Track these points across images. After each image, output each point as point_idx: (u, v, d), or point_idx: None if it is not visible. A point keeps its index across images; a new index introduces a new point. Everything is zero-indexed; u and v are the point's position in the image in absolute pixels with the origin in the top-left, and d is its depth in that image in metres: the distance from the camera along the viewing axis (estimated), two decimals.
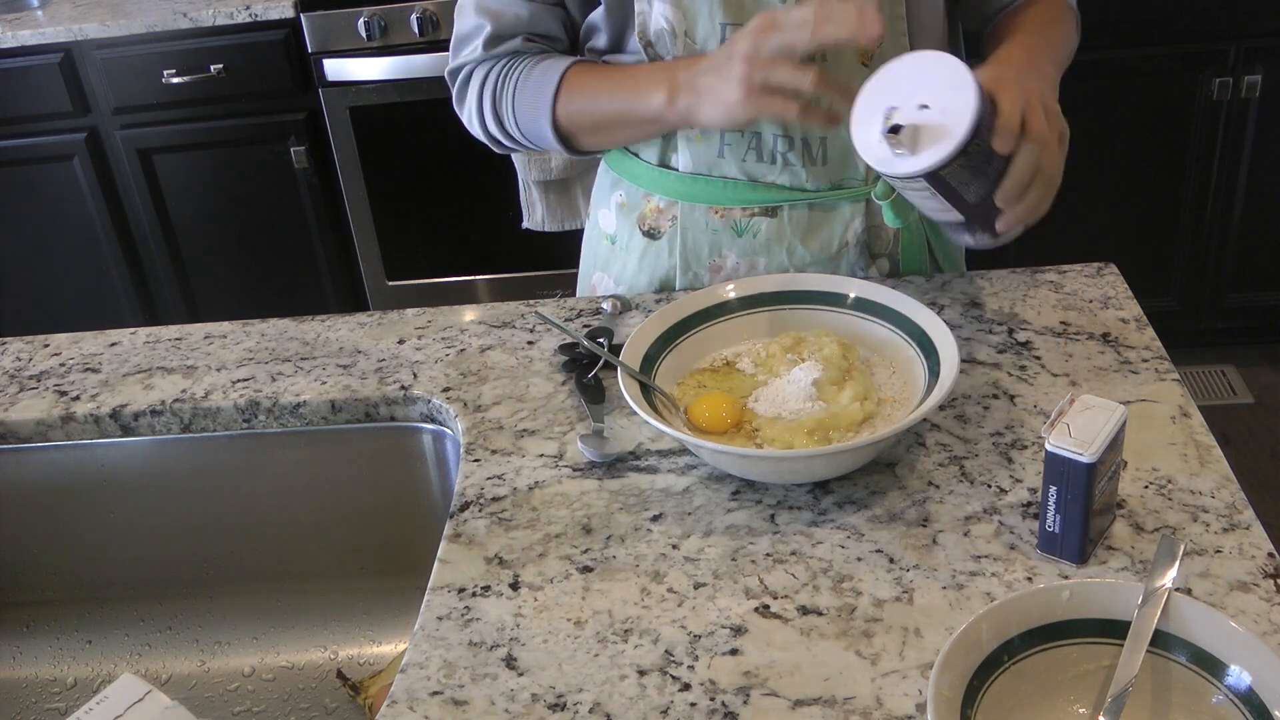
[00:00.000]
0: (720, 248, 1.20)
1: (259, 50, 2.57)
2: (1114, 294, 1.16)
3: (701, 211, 1.19)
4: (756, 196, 1.16)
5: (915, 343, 1.01)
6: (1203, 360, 2.81)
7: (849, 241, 1.18)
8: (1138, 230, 2.66)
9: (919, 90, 0.91)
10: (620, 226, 1.27)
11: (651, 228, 1.23)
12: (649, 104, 1.09)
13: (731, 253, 1.19)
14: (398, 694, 0.81)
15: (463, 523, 0.95)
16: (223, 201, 2.77)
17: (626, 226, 1.26)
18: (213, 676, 1.16)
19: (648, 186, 1.22)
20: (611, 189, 1.27)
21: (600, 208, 1.30)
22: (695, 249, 1.21)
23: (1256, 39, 2.46)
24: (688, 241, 1.21)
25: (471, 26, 1.20)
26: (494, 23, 1.18)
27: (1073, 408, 0.83)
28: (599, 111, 1.15)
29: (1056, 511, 0.83)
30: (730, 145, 1.15)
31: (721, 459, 0.95)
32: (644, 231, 1.24)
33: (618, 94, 1.13)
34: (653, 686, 0.79)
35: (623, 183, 1.25)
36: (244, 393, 1.14)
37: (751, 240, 1.18)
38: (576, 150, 1.21)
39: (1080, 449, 0.80)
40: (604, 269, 1.30)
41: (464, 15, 1.21)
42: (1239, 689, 0.69)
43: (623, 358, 0.99)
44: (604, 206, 1.29)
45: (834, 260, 1.19)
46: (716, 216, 1.19)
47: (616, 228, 1.27)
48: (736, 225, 1.18)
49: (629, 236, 1.26)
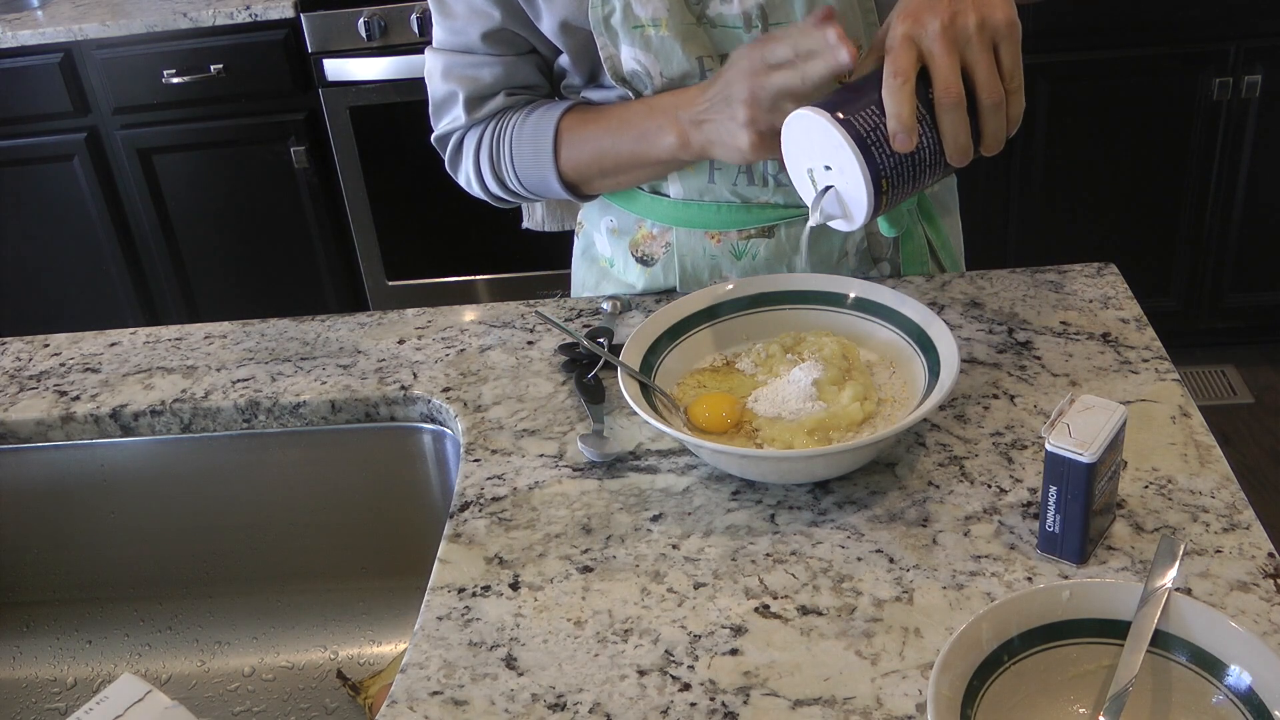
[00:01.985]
0: (720, 270, 1.19)
1: (259, 50, 2.57)
2: (1114, 294, 1.16)
3: (698, 237, 1.18)
4: (751, 218, 1.16)
5: (915, 343, 1.01)
6: (1203, 360, 2.81)
7: (849, 251, 1.18)
8: (1138, 230, 2.66)
9: (815, 149, 0.91)
10: (615, 251, 1.26)
11: (645, 254, 1.22)
12: (660, 147, 1.07)
13: (732, 275, 1.19)
14: (398, 694, 0.81)
15: (463, 523, 0.95)
16: (223, 201, 2.77)
17: (620, 252, 1.25)
18: (213, 676, 1.16)
19: (639, 213, 1.21)
20: (601, 214, 1.26)
21: (593, 230, 1.29)
22: (695, 274, 1.20)
23: (1256, 39, 2.46)
24: (686, 268, 1.20)
25: (445, 93, 1.18)
26: (469, 87, 1.16)
27: (1073, 408, 0.83)
28: (607, 159, 1.13)
29: (1056, 511, 0.83)
30: (721, 171, 1.14)
31: (721, 459, 0.95)
32: (637, 258, 1.23)
33: (622, 140, 1.10)
34: (653, 686, 0.79)
35: (612, 208, 1.23)
36: (244, 393, 1.14)
37: (751, 262, 1.18)
38: (586, 196, 1.20)
39: (1080, 449, 0.80)
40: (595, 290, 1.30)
41: (434, 80, 1.18)
42: (1239, 689, 0.69)
43: (623, 358, 0.99)
44: (596, 231, 1.28)
45: (835, 270, 1.18)
46: (713, 242, 1.18)
47: (611, 252, 1.26)
48: (735, 249, 1.17)
49: (624, 263, 1.25)
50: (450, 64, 1.16)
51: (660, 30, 1.06)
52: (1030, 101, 2.50)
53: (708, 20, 1.07)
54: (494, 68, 1.15)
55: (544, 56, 1.18)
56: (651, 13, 1.06)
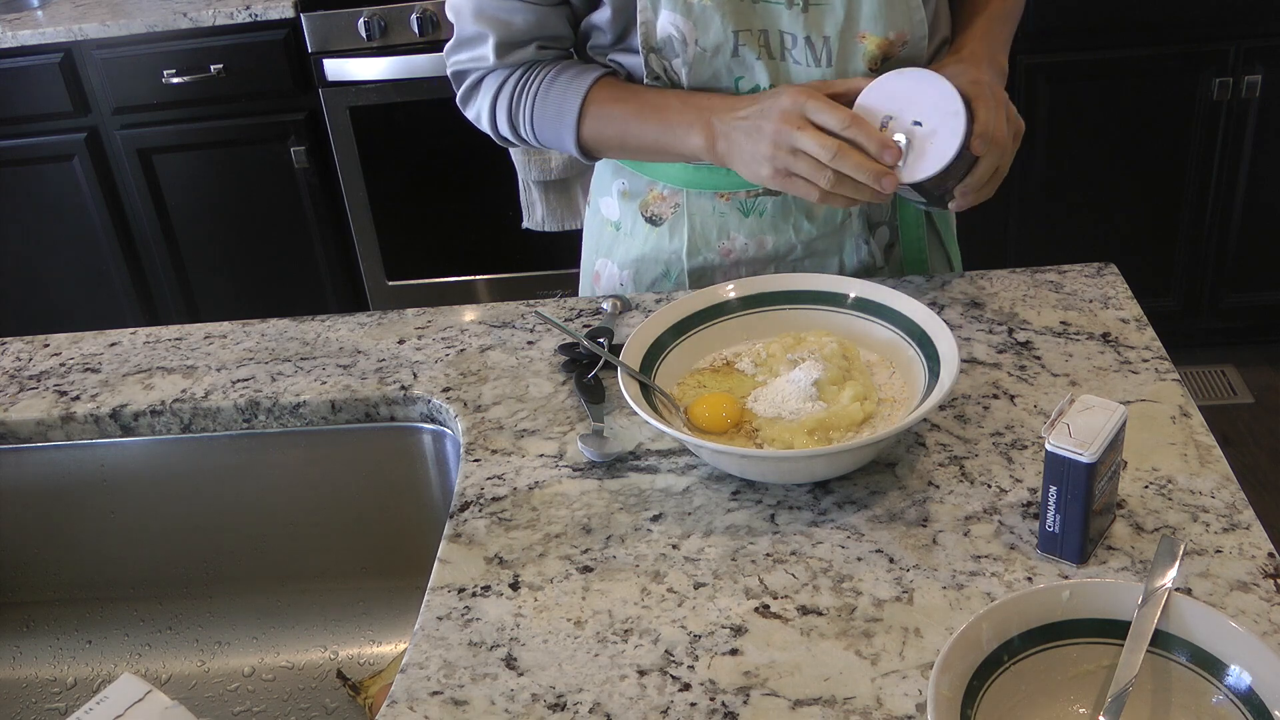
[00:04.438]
0: (729, 230, 1.21)
1: (259, 50, 2.57)
2: (1114, 294, 1.16)
3: (708, 197, 1.20)
4: None
5: (915, 343, 1.01)
6: (1203, 360, 2.81)
7: (851, 211, 1.21)
8: (1138, 230, 2.66)
9: (914, 106, 1.03)
10: (624, 213, 1.27)
11: (654, 214, 1.24)
12: (687, 144, 1.12)
13: (740, 233, 1.21)
14: (398, 694, 0.81)
15: (463, 523, 0.95)
16: (223, 201, 2.77)
17: (630, 213, 1.27)
18: (213, 676, 1.16)
19: (652, 175, 1.23)
20: (613, 177, 1.28)
21: (601, 196, 1.31)
22: (704, 233, 1.22)
23: (1256, 39, 2.46)
24: (695, 226, 1.22)
25: (473, 33, 1.18)
26: (501, 31, 1.16)
27: (1072, 408, 0.83)
28: (631, 140, 1.17)
29: (1057, 511, 0.83)
30: None
31: (721, 459, 0.95)
32: (645, 218, 1.25)
33: (648, 126, 1.14)
34: (653, 686, 0.79)
35: (625, 170, 1.26)
36: (244, 393, 1.14)
37: (759, 219, 1.20)
38: (595, 158, 1.23)
39: (1080, 449, 0.80)
40: (608, 254, 1.31)
41: (462, 19, 1.19)
42: (1239, 689, 0.69)
43: (623, 358, 0.99)
44: (605, 194, 1.30)
45: (839, 232, 1.21)
46: (722, 200, 1.20)
47: (620, 214, 1.28)
48: (743, 206, 1.20)
49: (632, 223, 1.27)
50: (482, 4, 1.16)
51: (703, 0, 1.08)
52: (1030, 101, 2.50)
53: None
54: (526, 14, 1.15)
55: (575, 9, 1.18)
56: None
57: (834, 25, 1.10)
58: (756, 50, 1.11)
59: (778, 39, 1.11)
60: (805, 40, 1.11)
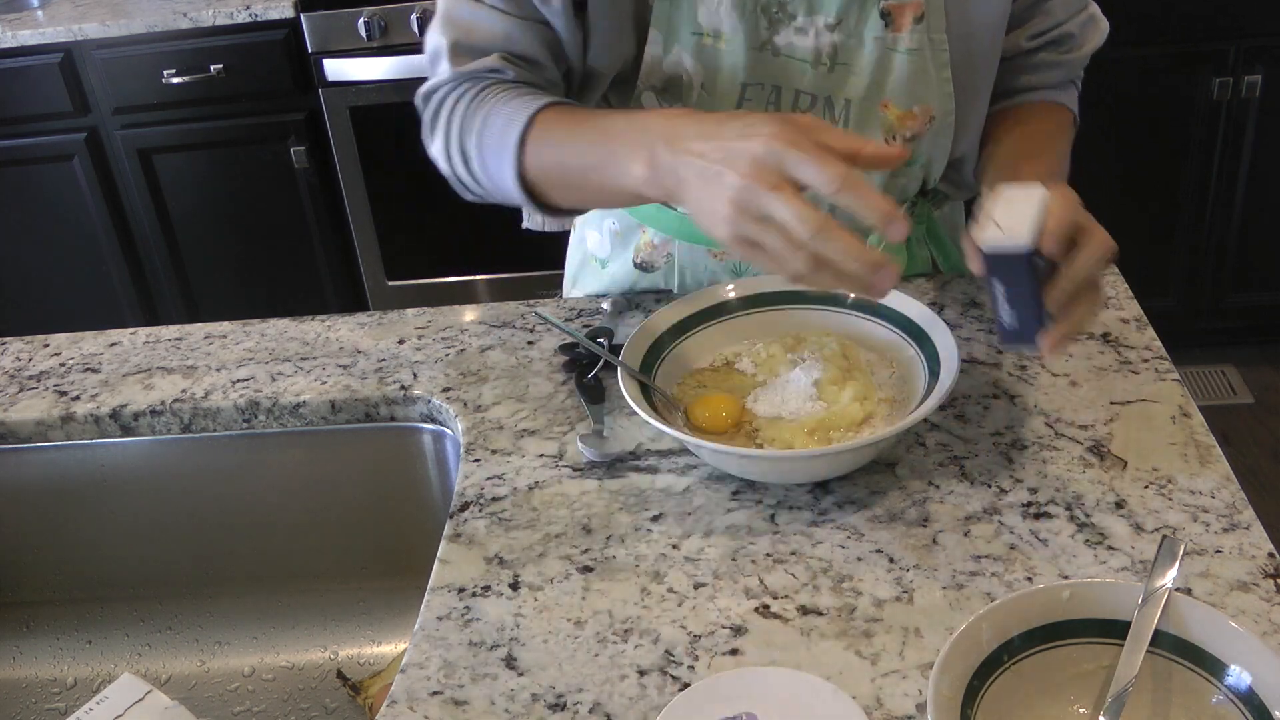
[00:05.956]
0: None
1: (259, 50, 2.57)
2: (1114, 294, 1.16)
3: (700, 253, 1.17)
4: None
5: (915, 343, 1.01)
6: (1203, 360, 2.81)
7: None
8: (1138, 230, 2.66)
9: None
10: (613, 254, 1.24)
11: (645, 261, 1.21)
12: (626, 175, 0.87)
13: None
14: (398, 694, 0.81)
15: (463, 523, 0.95)
16: (223, 201, 2.77)
17: (620, 257, 1.23)
18: (213, 676, 1.16)
19: (643, 220, 1.19)
20: (604, 213, 1.23)
21: (588, 227, 1.26)
22: (696, 286, 1.18)
23: (1256, 39, 2.46)
24: (686, 280, 1.19)
25: (434, 45, 1.03)
26: (460, 34, 1.01)
27: (992, 203, 0.85)
28: (568, 167, 0.94)
29: (1009, 305, 0.85)
30: None
31: (722, 459, 0.95)
32: (636, 264, 1.22)
33: (589, 150, 0.92)
34: (653, 686, 0.79)
35: (614, 210, 1.21)
36: (244, 393, 1.14)
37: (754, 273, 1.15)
38: (549, 209, 1.00)
39: (1015, 239, 0.82)
40: (587, 289, 1.29)
41: (431, 33, 1.04)
42: (1239, 689, 0.69)
43: (623, 358, 0.99)
44: (593, 228, 1.25)
45: None
46: (714, 259, 1.17)
47: (609, 253, 1.25)
48: (735, 265, 1.17)
49: (620, 267, 1.23)
50: (450, 10, 1.02)
51: (718, 44, 1.01)
52: None
53: (773, 47, 1.02)
54: (493, 22, 1.00)
55: (555, 35, 1.02)
56: (715, 25, 1.01)
57: (857, 89, 1.03)
58: (763, 108, 1.03)
59: (790, 98, 1.03)
60: (825, 101, 1.03)
